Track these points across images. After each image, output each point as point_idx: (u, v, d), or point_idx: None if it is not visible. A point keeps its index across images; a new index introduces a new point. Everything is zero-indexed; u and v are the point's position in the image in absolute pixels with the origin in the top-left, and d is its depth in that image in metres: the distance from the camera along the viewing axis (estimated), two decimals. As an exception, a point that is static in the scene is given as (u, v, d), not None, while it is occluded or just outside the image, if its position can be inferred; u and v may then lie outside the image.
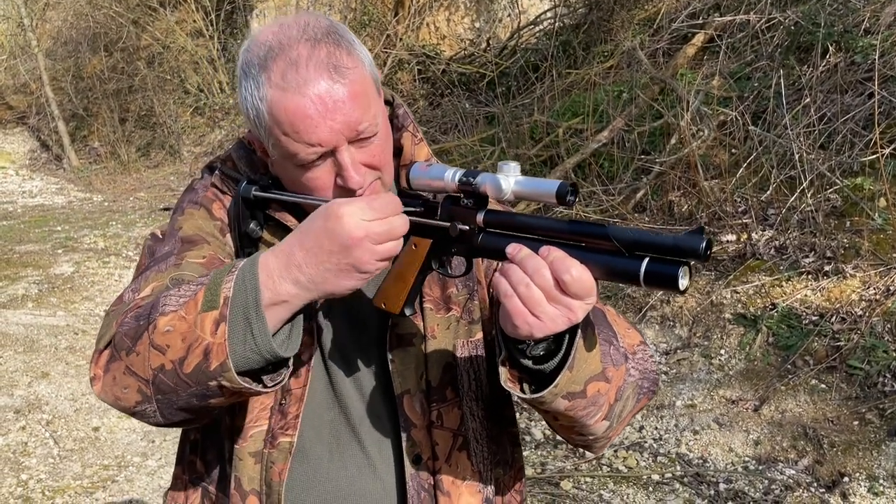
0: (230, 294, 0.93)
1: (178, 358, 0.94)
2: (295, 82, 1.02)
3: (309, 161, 1.05)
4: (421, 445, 1.13)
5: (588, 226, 0.88)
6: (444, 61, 8.49)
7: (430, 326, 1.14)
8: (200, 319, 0.93)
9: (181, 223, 1.16)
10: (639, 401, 1.10)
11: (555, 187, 0.89)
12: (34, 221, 8.74)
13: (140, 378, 0.97)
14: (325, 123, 1.02)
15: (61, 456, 3.97)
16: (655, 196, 5.35)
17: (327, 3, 10.21)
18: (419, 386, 1.13)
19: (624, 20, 7.07)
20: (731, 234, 4.87)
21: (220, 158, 1.22)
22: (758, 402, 3.94)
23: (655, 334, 4.62)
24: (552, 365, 0.95)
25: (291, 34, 1.05)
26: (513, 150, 5.87)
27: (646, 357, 1.12)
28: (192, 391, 0.95)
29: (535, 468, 3.82)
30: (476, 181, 0.95)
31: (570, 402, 0.97)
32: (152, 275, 1.08)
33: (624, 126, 5.53)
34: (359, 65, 1.06)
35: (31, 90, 13.01)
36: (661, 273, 0.82)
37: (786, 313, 4.19)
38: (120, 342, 0.99)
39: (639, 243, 0.84)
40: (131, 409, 1.00)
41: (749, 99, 5.31)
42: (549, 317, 0.87)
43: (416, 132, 1.21)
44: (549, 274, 0.87)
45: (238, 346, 0.93)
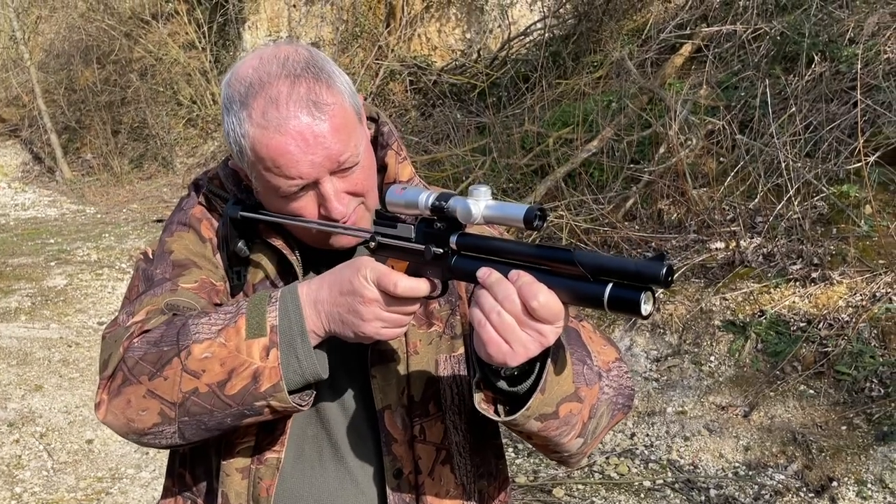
0: (276, 322, 1.00)
1: (217, 381, 1.00)
2: (276, 120, 1.04)
3: (291, 193, 1.08)
4: (402, 460, 1.15)
5: (555, 250, 0.89)
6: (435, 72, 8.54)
7: (412, 342, 1.16)
8: (247, 346, 1.00)
9: (171, 245, 1.18)
10: (613, 417, 1.12)
11: (522, 212, 0.90)
12: (27, 234, 8.74)
13: (165, 401, 1.01)
14: (305, 158, 1.05)
15: (55, 469, 3.98)
16: (645, 205, 5.40)
17: (319, 15, 10.27)
18: (401, 401, 1.15)
19: (613, 31, 7.14)
20: (719, 242, 4.92)
21: (208, 176, 1.23)
22: (747, 408, 3.98)
23: (646, 341, 4.66)
24: (525, 387, 0.97)
25: (271, 70, 1.06)
26: (503, 160, 5.91)
27: (621, 373, 1.13)
28: (231, 411, 1.01)
29: (528, 476, 3.84)
30: (448, 206, 0.96)
31: (542, 423, 0.99)
32: (147, 299, 1.11)
33: (613, 135, 5.59)
34: (339, 98, 1.08)
35: (23, 103, 13.00)
36: (623, 298, 0.83)
37: (774, 320, 4.24)
38: (137, 368, 1.02)
39: (603, 268, 0.85)
40: (145, 430, 1.04)
41: (736, 108, 5.37)
42: (521, 343, 0.89)
43: (399, 150, 1.23)
44: (518, 300, 0.88)
45: (285, 371, 1.00)
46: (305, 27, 10.50)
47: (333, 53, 9.72)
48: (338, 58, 9.57)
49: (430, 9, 9.33)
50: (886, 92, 4.67)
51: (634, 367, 4.49)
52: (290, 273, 1.16)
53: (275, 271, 1.18)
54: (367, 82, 8.91)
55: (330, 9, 10.17)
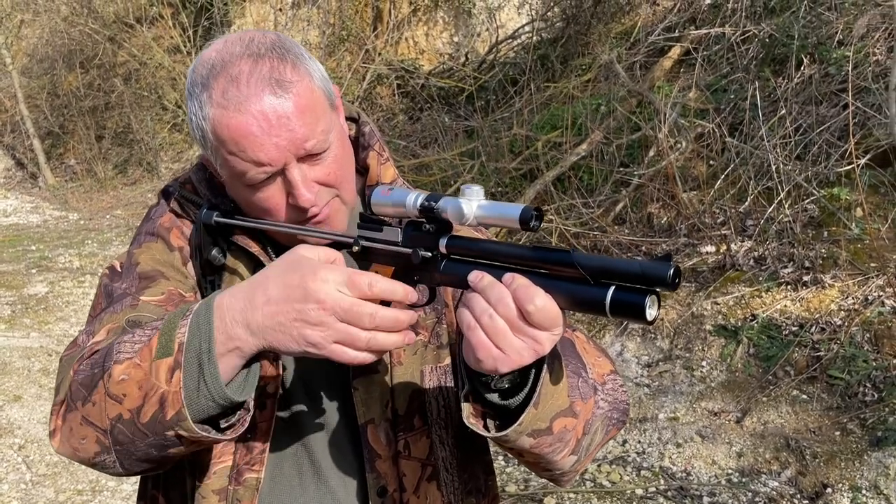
0: (184, 339, 0.89)
1: (136, 407, 0.90)
2: (236, 99, 0.97)
3: (258, 181, 1.01)
4: (387, 477, 1.08)
5: (553, 252, 0.84)
6: (423, 75, 8.49)
7: (395, 352, 1.09)
8: (155, 367, 0.89)
9: (137, 257, 1.11)
10: (607, 433, 1.06)
11: (518, 212, 0.84)
12: (8, 241, 8.60)
13: (98, 428, 0.93)
14: (269, 140, 0.98)
15: (34, 481, 3.87)
16: (635, 208, 5.36)
17: (306, 18, 10.20)
18: (384, 415, 1.09)
19: (601, 34, 7.11)
20: (710, 246, 4.88)
21: (179, 181, 1.16)
22: (740, 414, 3.93)
23: (637, 346, 4.61)
24: (517, 400, 0.90)
25: (234, 51, 1.00)
26: (492, 164, 5.86)
27: (616, 386, 1.07)
28: (149, 441, 0.91)
29: (518, 485, 3.78)
30: (438, 206, 0.90)
31: (535, 439, 0.92)
32: (107, 317, 1.04)
33: (602, 139, 5.54)
34: (305, 78, 1.01)
35: (5, 108, 12.86)
36: (627, 302, 0.78)
37: (766, 324, 4.20)
38: (76, 392, 0.95)
39: (604, 271, 0.79)
40: (90, 460, 0.96)
41: (726, 111, 5.34)
42: (514, 349, 0.82)
43: (381, 151, 1.17)
44: (512, 303, 0.81)
45: (192, 394, 0.89)
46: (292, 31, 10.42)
47: (320, 57, 9.66)
48: (325, 61, 9.51)
49: (418, 12, 9.28)
50: (876, 94, 4.65)
51: (625, 373, 4.44)
52: None
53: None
54: (354, 86, 8.85)
55: (316, 12, 10.11)
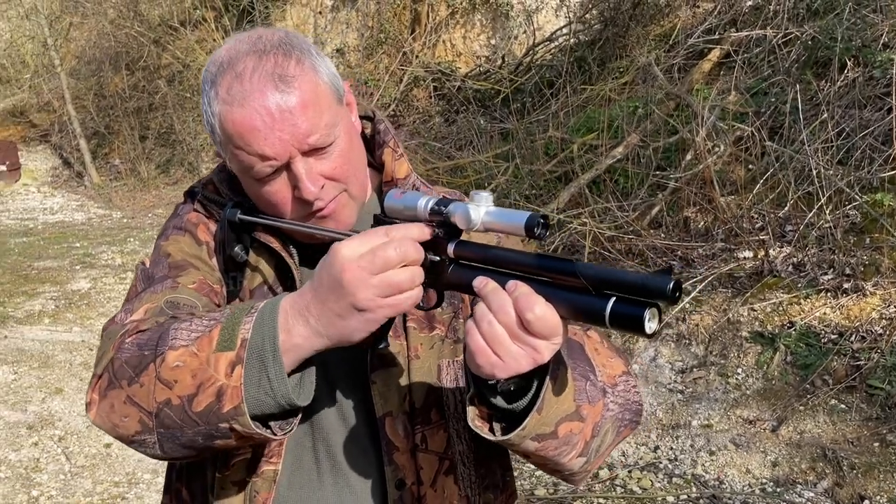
0: (248, 336, 0.91)
1: (187, 395, 0.92)
2: (240, 94, 1.00)
3: (265, 175, 1.03)
4: (404, 470, 1.09)
5: (556, 261, 0.83)
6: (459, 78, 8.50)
7: (413, 346, 1.10)
8: (214, 359, 0.91)
9: (167, 249, 1.14)
10: (619, 434, 1.05)
11: (524, 219, 0.84)
12: (53, 238, 8.83)
13: (143, 409, 0.95)
14: (273, 134, 1.00)
15: (72, 472, 3.97)
16: (671, 212, 5.30)
17: (344, 21, 10.29)
18: (402, 408, 1.10)
19: (639, 36, 7.05)
20: (748, 251, 4.80)
21: (202, 183, 1.20)
22: (776, 423, 3.86)
23: (671, 352, 4.55)
24: (522, 404, 0.90)
25: (241, 48, 1.03)
26: (527, 166, 5.84)
27: (628, 387, 1.06)
28: (199, 430, 0.93)
29: (548, 488, 3.76)
30: (447, 210, 0.91)
31: (540, 443, 0.93)
32: (146, 296, 1.06)
33: (639, 142, 5.49)
34: (309, 73, 1.03)
35: (53, 108, 13.20)
36: (626, 314, 0.77)
37: (804, 332, 4.11)
38: (120, 370, 0.97)
39: (606, 281, 0.79)
40: (130, 437, 0.98)
41: (766, 114, 5.25)
42: (512, 356, 0.83)
43: (396, 147, 1.18)
44: (513, 311, 0.82)
45: (253, 389, 0.91)
46: (331, 33, 10.53)
47: (358, 60, 9.74)
48: (362, 64, 9.58)
49: (455, 15, 9.30)
50: (922, 98, 4.52)
51: (658, 379, 4.39)
52: (288, 276, 1.11)
53: (273, 275, 1.13)
54: (391, 88, 8.90)
55: (355, 15, 10.19)
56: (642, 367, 4.48)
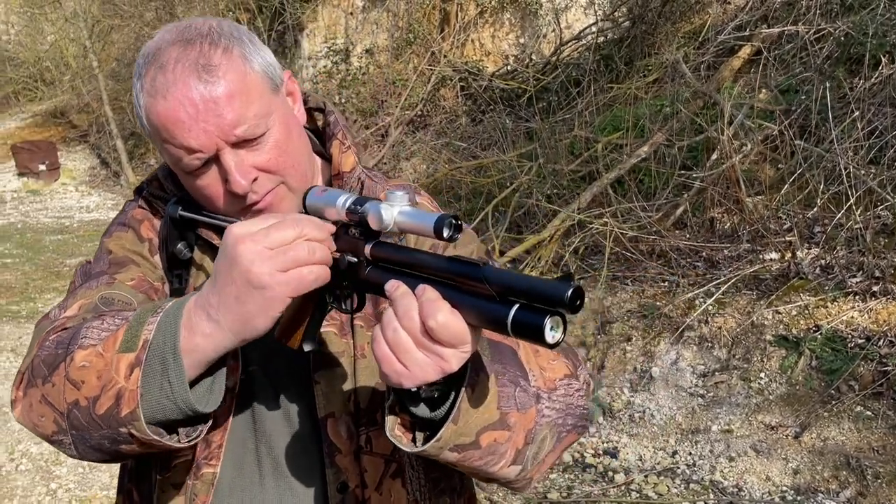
0: (150, 337, 0.88)
1: (93, 396, 0.90)
2: (163, 86, 0.97)
3: (194, 167, 1.01)
4: (347, 472, 1.05)
5: (465, 265, 0.79)
6: (486, 77, 8.46)
7: (360, 345, 1.07)
8: (116, 360, 0.88)
9: (109, 245, 1.13)
10: (561, 440, 1.00)
11: (433, 220, 0.81)
12: (87, 236, 9.01)
13: (55, 409, 0.93)
14: (197, 126, 0.97)
15: (90, 466, 4.02)
16: (696, 213, 5.19)
17: (374, 20, 10.32)
18: (346, 408, 1.06)
19: (668, 33, 6.93)
20: (774, 253, 4.68)
21: (147, 179, 1.18)
22: (798, 429, 3.75)
23: (693, 355, 4.45)
24: (441, 413, 0.86)
25: (167, 38, 1.00)
26: (550, 166, 5.78)
27: (570, 391, 1.01)
28: (103, 433, 0.91)
29: (561, 492, 3.70)
30: (362, 210, 0.88)
31: (460, 454, 0.88)
32: (81, 292, 1.05)
33: (664, 141, 5.39)
34: (236, 62, 0.99)
35: (91, 109, 13.48)
36: (526, 323, 0.73)
37: (830, 336, 3.99)
38: (38, 369, 0.95)
39: (510, 287, 0.75)
40: (49, 437, 0.96)
41: (795, 112, 5.12)
42: (417, 365, 0.79)
43: (344, 140, 1.15)
44: (417, 317, 0.78)
45: (154, 393, 0.88)
46: (361, 34, 10.57)
47: (388, 59, 9.75)
48: (392, 64, 9.59)
49: (484, 14, 9.26)
50: (959, 95, 4.37)
51: (679, 382, 4.30)
52: None
53: None
54: (419, 88, 8.89)
55: (385, 15, 10.21)
56: (663, 370, 4.39)
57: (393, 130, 8.50)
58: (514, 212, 5.64)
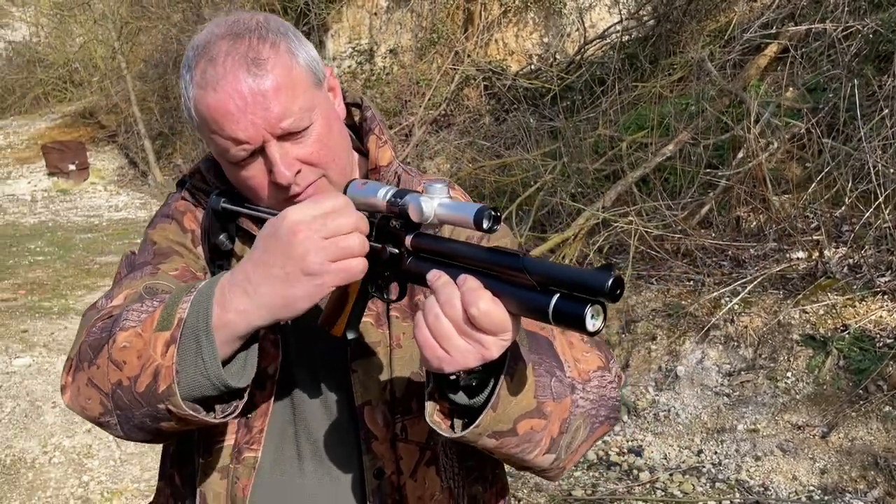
0: (185, 315, 0.91)
1: (133, 375, 0.93)
2: (213, 78, 1.00)
3: (240, 159, 1.03)
4: (383, 459, 1.08)
5: (505, 255, 0.81)
6: (510, 76, 8.47)
7: (395, 335, 1.09)
8: (154, 339, 0.91)
9: (153, 237, 1.16)
10: (594, 430, 1.02)
11: (473, 211, 0.83)
12: (116, 234, 9.15)
13: (101, 391, 0.97)
14: (245, 118, 0.99)
15: (122, 459, 4.10)
16: (722, 211, 5.16)
17: (398, 21, 10.36)
18: (382, 397, 1.09)
19: (693, 32, 6.89)
20: (801, 252, 4.65)
21: (190, 171, 1.21)
22: (826, 429, 3.72)
23: (718, 354, 4.43)
24: (480, 400, 0.88)
25: (217, 32, 1.03)
26: (574, 165, 5.78)
27: (604, 383, 1.03)
28: (144, 411, 0.94)
29: (586, 489, 3.71)
30: (402, 202, 0.90)
31: (498, 440, 0.90)
32: (126, 282, 1.08)
33: (690, 139, 5.37)
34: (283, 56, 1.02)
35: (120, 110, 13.67)
36: (567, 312, 0.75)
37: (858, 335, 3.95)
38: (84, 353, 0.99)
39: (550, 277, 0.77)
40: (97, 419, 1.00)
41: (823, 110, 5.07)
42: (459, 351, 0.81)
43: (381, 134, 1.18)
44: (459, 305, 0.80)
45: (190, 370, 0.91)
46: (385, 34, 10.62)
47: (411, 60, 9.79)
48: (415, 64, 9.63)
49: (508, 14, 9.27)
50: None
51: (704, 381, 4.28)
52: None
53: None
54: (442, 88, 8.92)
55: (409, 16, 10.25)
56: (688, 369, 4.38)
57: (417, 130, 8.54)
58: (537, 210, 5.65)
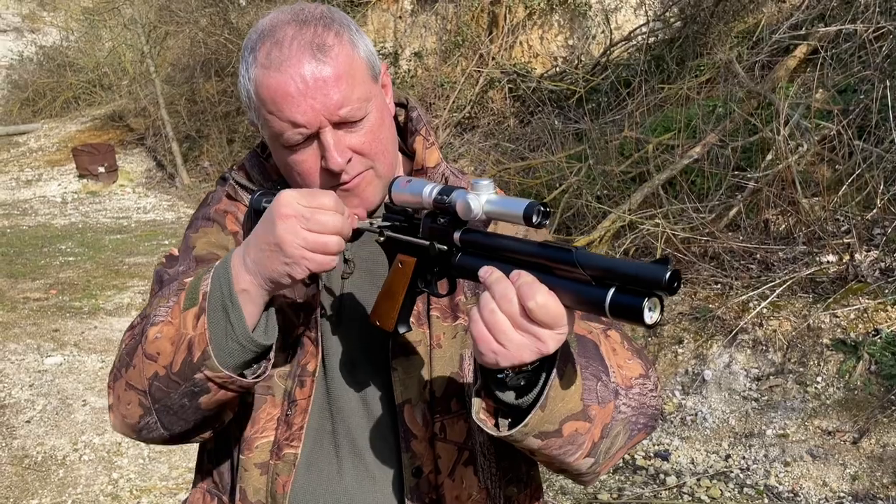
0: (208, 289, 0.97)
1: (169, 363, 0.97)
2: (278, 60, 1.02)
3: (294, 142, 1.05)
4: (422, 458, 1.09)
5: (556, 250, 0.82)
6: (534, 79, 8.45)
7: (436, 335, 1.10)
8: (184, 318, 0.97)
9: (194, 241, 1.18)
10: (632, 437, 1.02)
11: (522, 207, 0.84)
12: (144, 235, 9.26)
13: (139, 390, 1.00)
14: (305, 102, 1.01)
15: (150, 457, 4.15)
16: (750, 214, 5.11)
17: (423, 24, 10.39)
18: (422, 396, 1.09)
19: (721, 33, 6.83)
20: (831, 255, 4.58)
21: (234, 167, 1.23)
22: (857, 435, 3.67)
23: (746, 359, 4.39)
24: (528, 400, 0.89)
25: (283, 18, 1.05)
26: (599, 167, 5.75)
27: (644, 391, 1.03)
28: (182, 390, 0.98)
29: (612, 493, 3.69)
30: (449, 199, 0.92)
31: (543, 441, 0.91)
32: (155, 301, 1.10)
33: (717, 141, 5.32)
34: (346, 46, 1.04)
35: (148, 113, 13.84)
36: (625, 304, 0.76)
37: (890, 340, 3.89)
38: (121, 360, 1.03)
39: (605, 270, 0.78)
40: (137, 425, 1.03)
41: (854, 112, 5.00)
42: (514, 345, 0.81)
43: (427, 136, 1.19)
44: (515, 299, 0.81)
45: (220, 337, 0.96)
46: (410, 37, 10.65)
47: (436, 62, 9.81)
48: (440, 67, 9.65)
49: (533, 16, 9.26)
50: None
51: (732, 386, 4.24)
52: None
53: None
54: (467, 90, 8.93)
55: (434, 19, 10.27)
56: (716, 373, 4.34)
57: (441, 132, 8.55)
58: (563, 213, 5.63)
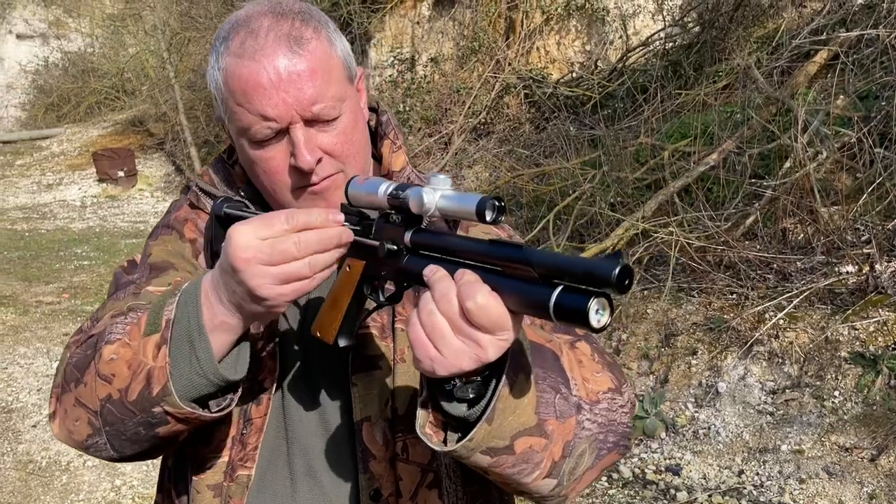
0: (172, 316, 0.90)
1: (124, 387, 0.91)
2: (251, 49, 0.98)
3: (262, 137, 1.00)
4: (381, 479, 1.02)
5: (506, 247, 0.75)
6: (550, 84, 8.38)
7: (399, 349, 1.03)
8: (143, 344, 0.90)
9: (151, 248, 1.13)
10: (600, 457, 0.93)
11: (475, 202, 0.77)
12: (160, 240, 9.30)
13: (89, 409, 0.95)
14: (277, 95, 0.97)
15: (154, 465, 4.11)
16: (767, 223, 5.00)
17: (440, 29, 10.36)
18: (383, 413, 1.03)
19: (740, 38, 6.72)
20: (850, 266, 4.46)
21: (198, 174, 1.19)
22: (875, 451, 3.55)
23: (762, 371, 4.28)
24: (476, 413, 0.81)
25: (260, 9, 1.02)
26: (614, 174, 5.67)
27: (614, 406, 0.95)
28: (137, 420, 0.92)
29: (620, 508, 3.60)
30: (404, 195, 0.86)
31: (493, 458, 0.83)
32: (110, 304, 1.06)
33: (735, 148, 5.22)
34: (324, 43, 1.00)
35: (168, 118, 13.95)
36: (569, 305, 0.68)
37: (911, 354, 3.77)
38: (69, 374, 0.97)
39: (555, 268, 0.70)
40: (83, 443, 0.98)
41: (875, 119, 4.88)
42: (452, 351, 0.75)
43: (395, 140, 1.14)
44: (455, 300, 0.74)
45: (184, 370, 0.89)
46: (427, 43, 10.63)
47: (452, 68, 9.77)
48: (456, 72, 9.61)
49: (550, 22, 9.19)
50: None
51: (747, 399, 4.13)
52: None
53: None
54: (483, 96, 8.87)
55: (451, 24, 10.24)
56: (730, 386, 4.23)
57: (456, 138, 8.50)
58: (576, 220, 5.55)
